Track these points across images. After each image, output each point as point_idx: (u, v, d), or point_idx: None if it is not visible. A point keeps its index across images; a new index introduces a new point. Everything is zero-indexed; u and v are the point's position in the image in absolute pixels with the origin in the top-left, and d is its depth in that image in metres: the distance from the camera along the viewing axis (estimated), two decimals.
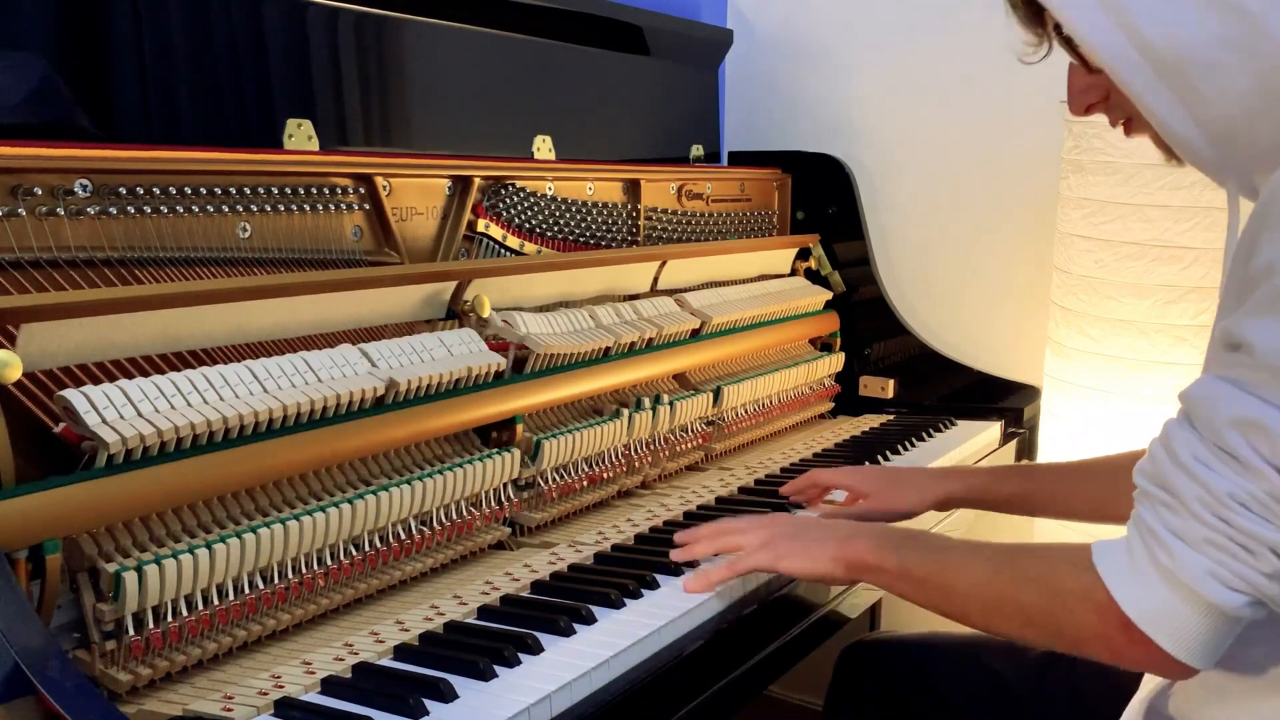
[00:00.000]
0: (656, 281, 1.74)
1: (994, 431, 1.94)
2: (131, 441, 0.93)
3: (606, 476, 1.46)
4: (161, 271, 1.12)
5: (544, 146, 1.76)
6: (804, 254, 2.13)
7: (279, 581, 1.03)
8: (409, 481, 1.16)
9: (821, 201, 2.20)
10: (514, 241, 1.57)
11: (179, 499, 0.98)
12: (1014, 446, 1.95)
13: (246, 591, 1.00)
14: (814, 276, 2.13)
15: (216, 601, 0.98)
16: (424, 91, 1.57)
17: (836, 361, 2.05)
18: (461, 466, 1.22)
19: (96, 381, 0.96)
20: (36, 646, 0.76)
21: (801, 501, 1.43)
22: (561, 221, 1.66)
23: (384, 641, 1.01)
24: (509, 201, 1.57)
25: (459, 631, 1.04)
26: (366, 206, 1.37)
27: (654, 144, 2.07)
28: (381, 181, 1.38)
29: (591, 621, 1.05)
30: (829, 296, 2.09)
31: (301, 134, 1.38)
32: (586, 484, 1.43)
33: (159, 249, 1.12)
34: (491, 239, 1.53)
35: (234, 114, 1.34)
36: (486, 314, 1.36)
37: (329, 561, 1.08)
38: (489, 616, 1.08)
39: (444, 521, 1.21)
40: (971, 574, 0.97)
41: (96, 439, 0.91)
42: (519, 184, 1.59)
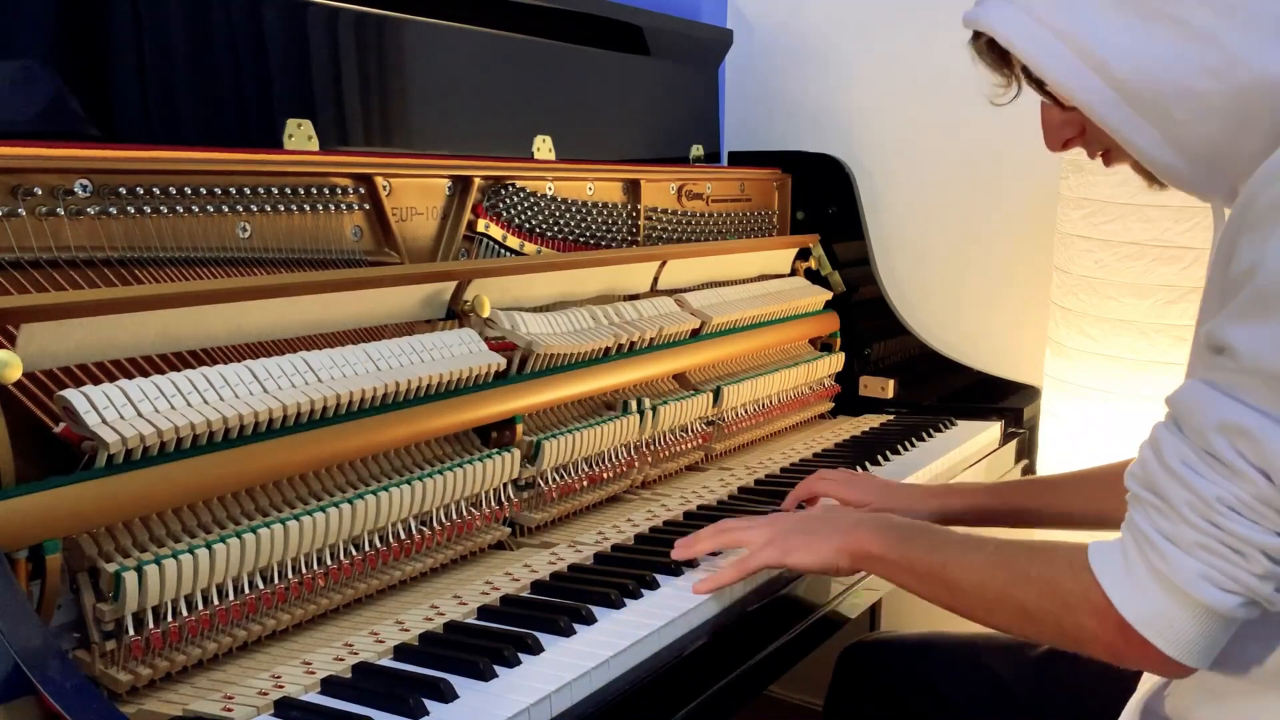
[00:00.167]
0: (656, 281, 1.75)
1: (994, 431, 1.94)
2: (131, 441, 0.93)
3: (606, 476, 1.46)
4: (161, 271, 1.12)
5: (544, 146, 1.76)
6: (804, 254, 2.13)
7: (279, 581, 1.03)
8: (409, 481, 1.16)
9: (821, 201, 2.20)
10: (514, 241, 1.57)
11: (179, 499, 0.98)
12: (1014, 446, 1.95)
13: (246, 591, 1.00)
14: (814, 276, 2.13)
15: (216, 601, 0.98)
16: (424, 91, 1.57)
17: (836, 361, 2.05)
18: (461, 466, 1.22)
19: (96, 381, 0.96)
20: (36, 646, 0.76)
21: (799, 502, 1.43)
22: (561, 221, 1.66)
23: (384, 641, 1.02)
24: (509, 201, 1.57)
25: (459, 631, 1.04)
26: (366, 206, 1.37)
27: (654, 144, 2.07)
28: (381, 181, 1.38)
29: (591, 622, 1.05)
30: (829, 296, 2.09)
31: (301, 134, 1.38)
32: (586, 484, 1.43)
33: (159, 249, 1.12)
34: (491, 239, 1.53)
35: (234, 114, 1.34)
36: (486, 314, 1.36)
37: (329, 561, 1.08)
38: (489, 616, 1.08)
39: (444, 521, 1.21)
40: (973, 571, 0.97)
41: (97, 439, 0.91)
42: (519, 184, 1.59)
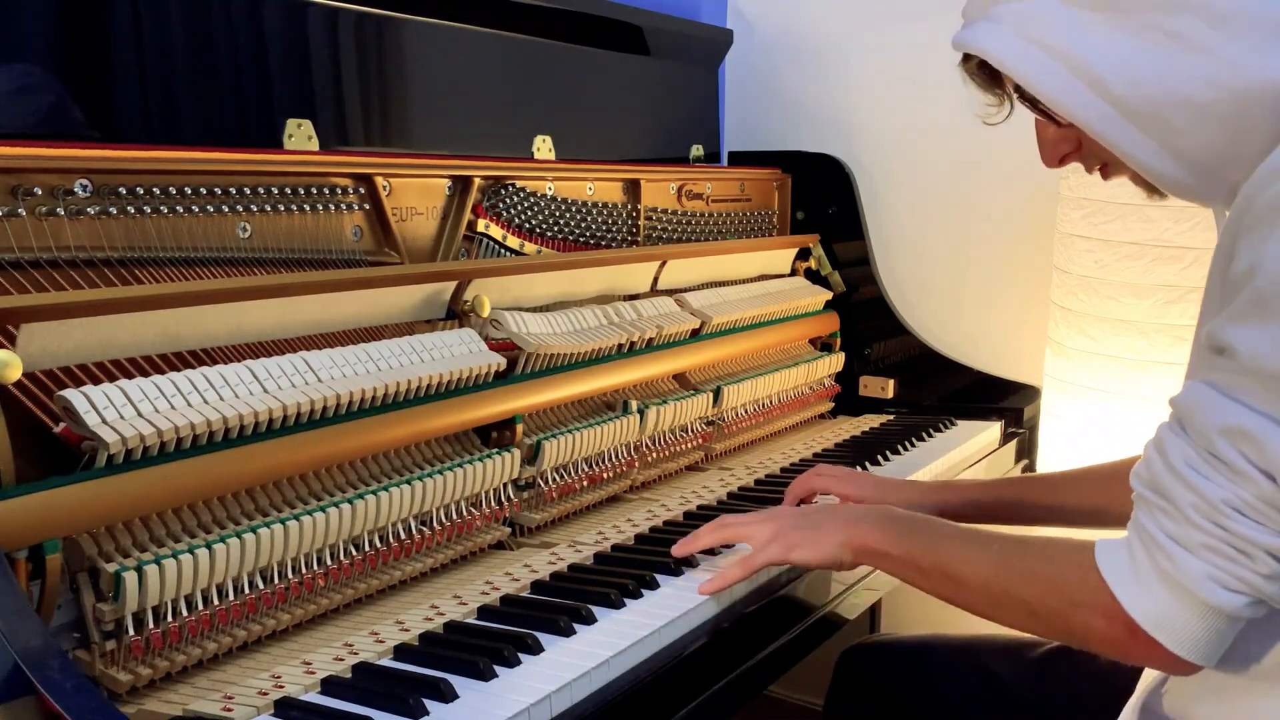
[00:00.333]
0: (656, 281, 1.74)
1: (994, 431, 1.94)
2: (131, 441, 0.93)
3: (606, 476, 1.46)
4: (161, 271, 1.12)
5: (544, 146, 1.76)
6: (804, 254, 2.13)
7: (279, 581, 1.03)
8: (409, 481, 1.16)
9: (821, 201, 2.20)
10: (514, 241, 1.57)
11: (179, 499, 0.98)
12: (1014, 446, 1.95)
13: (246, 591, 1.00)
14: (814, 276, 2.13)
15: (216, 601, 0.98)
16: (424, 91, 1.57)
17: (836, 361, 2.05)
18: (461, 466, 1.22)
19: (96, 381, 0.96)
20: (36, 646, 0.76)
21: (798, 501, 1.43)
22: (561, 221, 1.66)
23: (384, 641, 1.02)
24: (509, 201, 1.57)
25: (459, 631, 1.04)
26: (366, 206, 1.37)
27: (654, 144, 2.07)
28: (381, 181, 1.38)
29: (591, 621, 1.05)
30: (829, 296, 2.09)
31: (301, 134, 1.38)
32: (586, 484, 1.43)
33: (159, 249, 1.12)
34: (491, 239, 1.53)
35: (234, 114, 1.34)
36: (486, 314, 1.36)
37: (329, 561, 1.08)
38: (489, 616, 1.08)
39: (444, 521, 1.21)
40: (977, 567, 0.97)
41: (97, 439, 0.91)
42: (519, 184, 1.59)
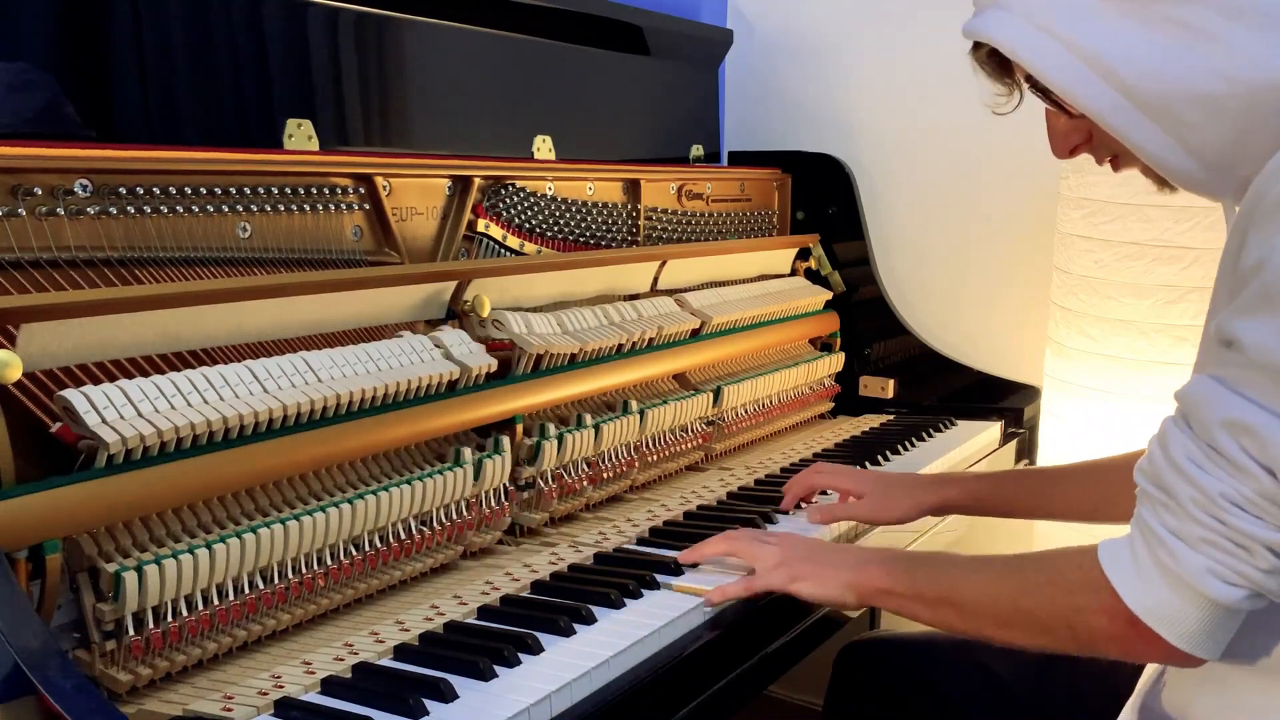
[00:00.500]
0: (656, 281, 1.74)
1: (994, 431, 1.94)
2: (131, 441, 0.93)
3: (606, 476, 1.46)
4: (161, 271, 1.12)
5: (544, 146, 1.76)
6: (804, 254, 2.13)
7: (279, 581, 1.03)
8: (409, 481, 1.16)
9: (821, 201, 2.20)
10: (514, 241, 1.57)
11: (179, 499, 0.98)
12: (1014, 446, 1.95)
13: (246, 591, 1.00)
14: (814, 276, 2.13)
15: (216, 601, 0.98)
16: (424, 91, 1.57)
17: (836, 361, 2.05)
18: (461, 466, 1.22)
19: (96, 381, 0.96)
20: (36, 646, 0.76)
21: (799, 500, 1.43)
22: (561, 221, 1.66)
23: (384, 641, 1.02)
24: (509, 201, 1.57)
25: (459, 631, 1.04)
26: (366, 206, 1.37)
27: (654, 144, 2.07)
28: (381, 181, 1.38)
29: (591, 622, 1.05)
30: (829, 296, 2.09)
31: (301, 134, 1.38)
32: (587, 484, 1.43)
33: (159, 249, 1.12)
34: (491, 239, 1.53)
35: (234, 114, 1.34)
36: (486, 314, 1.36)
37: (329, 561, 1.08)
38: (489, 616, 1.08)
39: (444, 521, 1.21)
40: (982, 588, 0.98)
41: (97, 439, 0.91)
42: (519, 184, 1.59)
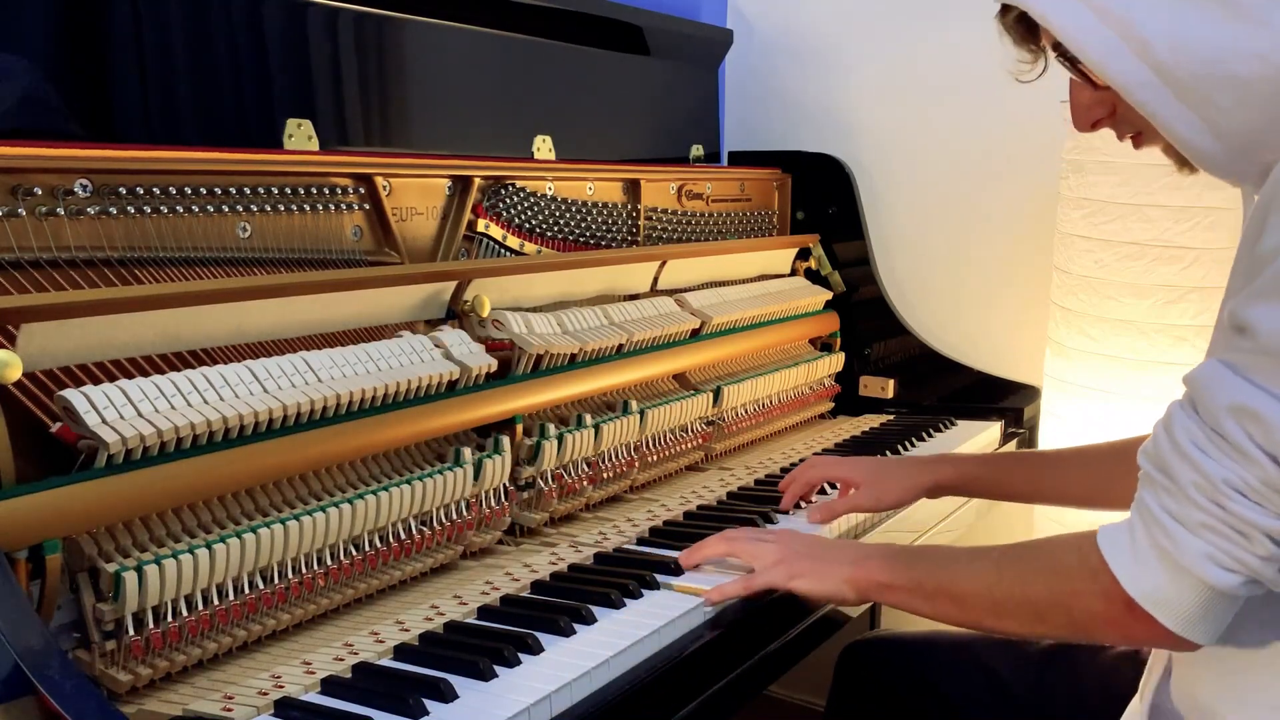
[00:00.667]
0: (656, 281, 1.74)
1: (994, 431, 1.94)
2: (131, 441, 0.93)
3: (606, 476, 1.46)
4: (161, 271, 1.12)
5: (544, 146, 1.76)
6: (804, 254, 2.13)
7: (279, 581, 1.03)
8: (409, 481, 1.16)
9: (821, 201, 2.20)
10: (514, 241, 1.57)
11: (179, 499, 0.98)
12: (1014, 446, 1.95)
13: (246, 591, 1.00)
14: (814, 276, 2.13)
15: (216, 601, 0.98)
16: (424, 91, 1.57)
17: (836, 361, 2.05)
18: (461, 466, 1.22)
19: (96, 381, 0.96)
20: (36, 646, 0.76)
21: (798, 499, 1.43)
22: (561, 221, 1.66)
23: (384, 641, 1.02)
24: (509, 201, 1.57)
25: (459, 631, 1.04)
26: (366, 206, 1.37)
27: (654, 144, 2.07)
28: (381, 181, 1.38)
29: (591, 622, 1.05)
30: (829, 296, 2.09)
31: (301, 134, 1.38)
32: (587, 484, 1.42)
33: (159, 249, 1.12)
34: (491, 239, 1.53)
35: (234, 114, 1.34)
36: (486, 314, 1.36)
37: (329, 561, 1.08)
38: (489, 616, 1.08)
39: (444, 521, 1.21)
40: (980, 578, 0.98)
41: (97, 439, 0.91)
42: (519, 184, 1.59)
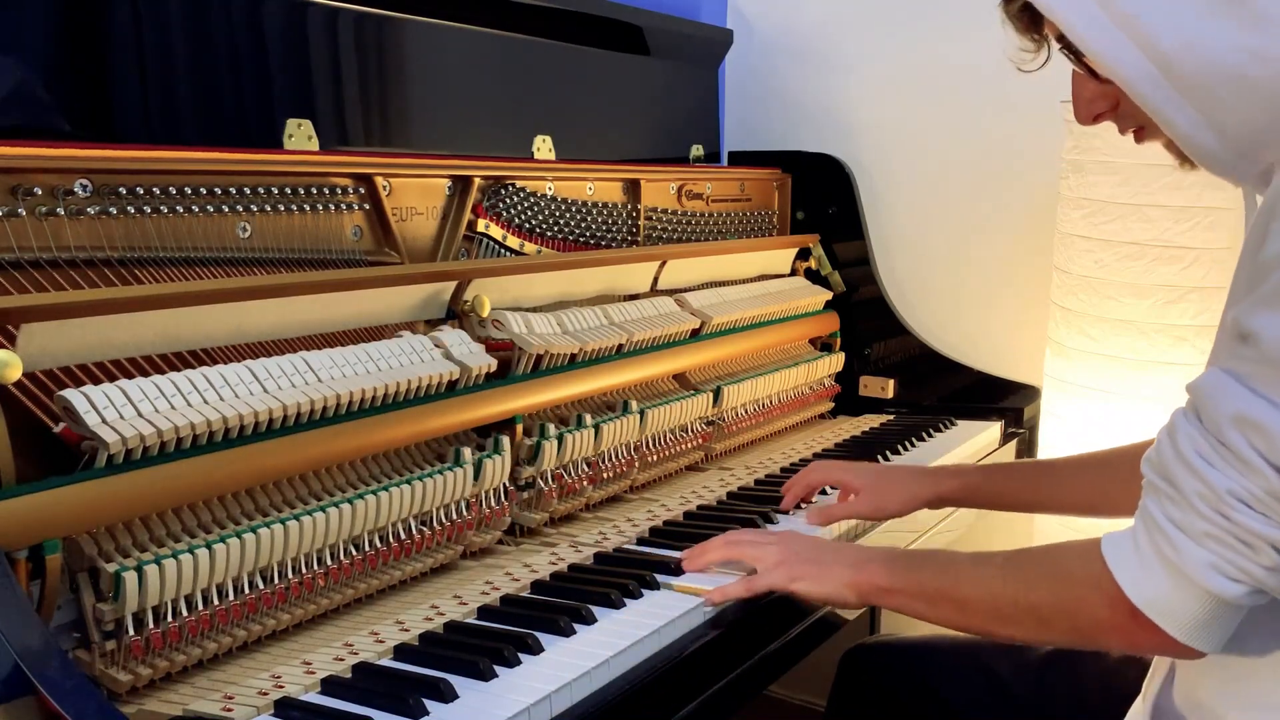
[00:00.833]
0: (656, 281, 1.74)
1: (994, 431, 1.94)
2: (132, 441, 0.93)
3: (606, 476, 1.46)
4: (161, 271, 1.12)
5: (544, 146, 1.76)
6: (804, 254, 2.13)
7: (279, 581, 1.03)
8: (409, 481, 1.16)
9: (821, 201, 2.20)
10: (514, 241, 1.57)
11: (179, 499, 0.98)
12: (1014, 446, 1.95)
13: (246, 591, 1.00)
14: (814, 276, 2.13)
15: (216, 601, 0.98)
16: (424, 91, 1.57)
17: (836, 361, 2.05)
18: (461, 466, 1.22)
19: (96, 381, 0.96)
20: (36, 646, 0.76)
21: (799, 500, 1.43)
22: (561, 221, 1.66)
23: (384, 641, 1.02)
24: (509, 201, 1.57)
25: (459, 631, 1.04)
26: (366, 206, 1.37)
27: (654, 144, 2.07)
28: (381, 181, 1.38)
29: (591, 622, 1.05)
30: (829, 296, 2.09)
31: (301, 134, 1.38)
32: (587, 484, 1.42)
33: (159, 249, 1.12)
34: (491, 239, 1.53)
35: (234, 114, 1.34)
36: (486, 314, 1.36)
37: (329, 561, 1.08)
38: (489, 616, 1.08)
39: (444, 521, 1.21)
40: (984, 583, 0.97)
41: (97, 439, 0.91)
42: (519, 184, 1.59)
